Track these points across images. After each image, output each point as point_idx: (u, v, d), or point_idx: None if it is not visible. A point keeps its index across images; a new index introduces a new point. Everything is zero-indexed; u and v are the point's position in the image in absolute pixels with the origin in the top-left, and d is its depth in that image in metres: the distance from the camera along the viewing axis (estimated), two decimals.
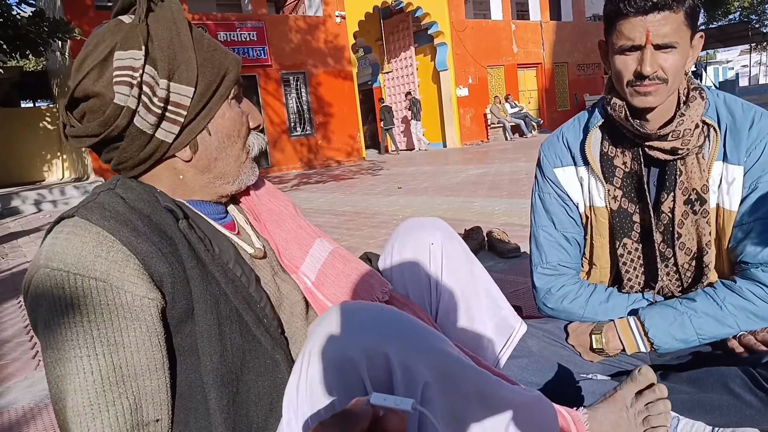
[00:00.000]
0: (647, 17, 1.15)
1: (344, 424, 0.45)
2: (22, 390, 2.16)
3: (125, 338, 0.72)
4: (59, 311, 0.70)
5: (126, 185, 0.85)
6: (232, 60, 0.88)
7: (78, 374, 0.69)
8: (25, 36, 9.46)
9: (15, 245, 6.13)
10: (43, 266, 0.72)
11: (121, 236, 0.75)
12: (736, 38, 23.31)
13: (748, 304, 1.23)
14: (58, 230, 0.76)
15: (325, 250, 1.04)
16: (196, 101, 0.84)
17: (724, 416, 1.23)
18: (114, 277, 0.72)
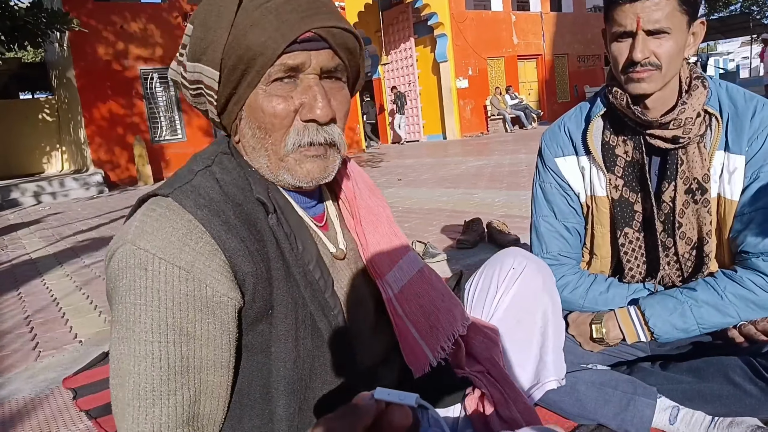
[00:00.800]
0: (637, 3, 1.16)
1: (349, 417, 0.46)
2: (23, 381, 2.16)
3: (197, 330, 0.71)
4: (138, 291, 0.69)
5: (223, 165, 0.82)
6: (271, 40, 0.74)
7: (146, 358, 0.68)
8: (23, 27, 9.41)
9: (14, 237, 6.13)
10: (130, 242, 0.71)
11: (211, 228, 0.73)
12: (737, 30, 23.22)
13: (749, 294, 1.23)
14: (150, 208, 0.75)
15: (415, 266, 0.99)
16: (223, 85, 0.78)
17: (724, 406, 1.23)
18: (198, 269, 0.71)
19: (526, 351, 1.15)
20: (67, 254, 4.76)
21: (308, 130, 0.79)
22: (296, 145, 0.79)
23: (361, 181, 1.00)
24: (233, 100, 0.80)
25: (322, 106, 0.77)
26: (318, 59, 0.77)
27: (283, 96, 0.78)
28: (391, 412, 0.48)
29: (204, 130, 12.71)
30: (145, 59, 11.99)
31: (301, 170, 0.81)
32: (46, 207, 9.13)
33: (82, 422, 1.77)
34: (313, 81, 0.78)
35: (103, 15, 11.44)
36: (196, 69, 0.79)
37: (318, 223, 0.90)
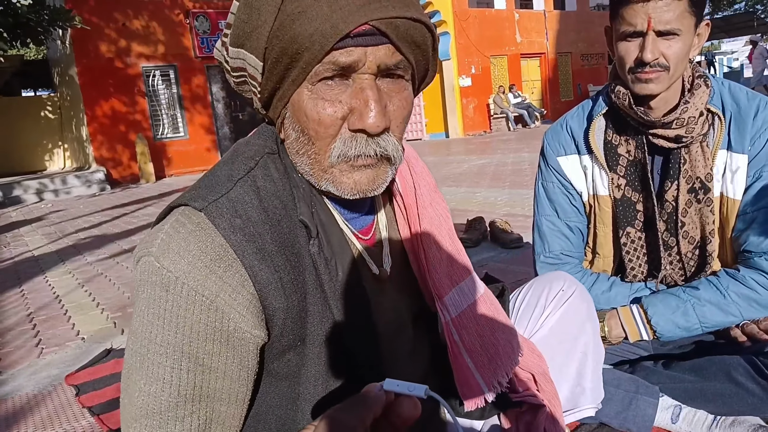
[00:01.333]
0: (649, 3, 1.15)
1: (358, 407, 0.45)
2: (25, 377, 2.17)
3: (214, 362, 0.66)
4: (156, 312, 0.65)
5: (267, 171, 0.73)
6: (318, 32, 0.63)
7: (157, 381, 0.65)
8: (26, 24, 9.43)
9: (17, 234, 6.15)
10: (154, 257, 0.66)
11: (244, 257, 0.67)
12: (741, 29, 23.13)
13: (752, 293, 1.23)
14: (180, 222, 0.67)
15: (476, 291, 0.89)
16: (266, 78, 0.69)
17: (726, 405, 1.23)
18: (223, 300, 0.66)
19: (564, 373, 1.09)
20: (69, 251, 4.77)
21: (356, 141, 0.68)
22: (341, 158, 0.69)
23: (423, 183, 0.88)
24: (277, 96, 0.70)
25: (375, 115, 0.66)
26: (375, 56, 0.65)
27: (331, 100, 0.67)
28: (399, 404, 0.47)
29: (206, 127, 12.72)
30: (147, 56, 11.99)
31: (348, 181, 0.71)
32: (48, 204, 9.14)
33: (85, 419, 1.77)
34: (367, 82, 0.67)
35: (105, 12, 11.44)
36: (239, 55, 0.70)
37: (363, 236, 0.82)
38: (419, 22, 0.67)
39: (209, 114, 12.75)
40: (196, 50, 12.30)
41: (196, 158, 12.54)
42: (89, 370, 2.15)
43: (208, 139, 12.76)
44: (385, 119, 0.67)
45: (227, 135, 13.11)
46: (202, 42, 12.29)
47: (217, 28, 12.41)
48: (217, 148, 12.88)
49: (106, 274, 3.78)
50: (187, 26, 12.27)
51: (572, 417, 1.12)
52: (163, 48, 12.14)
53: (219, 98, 12.93)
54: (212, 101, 12.79)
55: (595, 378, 1.13)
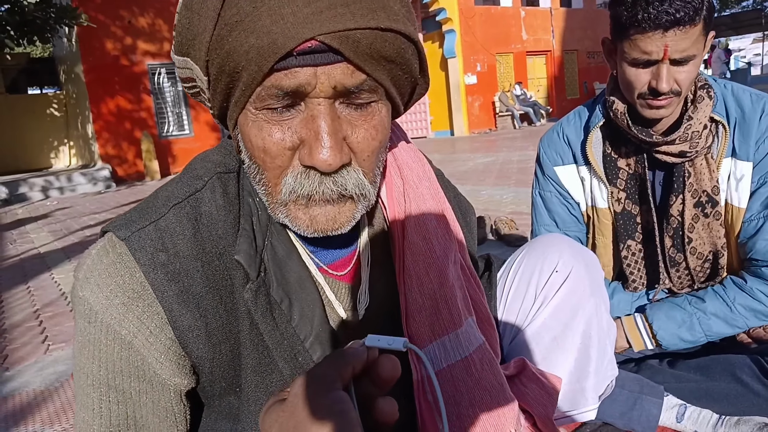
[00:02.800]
0: (667, 33, 1.07)
1: (336, 361, 0.44)
2: (33, 373, 2.18)
3: (142, 398, 0.64)
4: (83, 343, 0.63)
5: (215, 194, 0.65)
6: (254, 49, 0.51)
7: (87, 409, 0.63)
8: (32, 22, 9.46)
9: (23, 231, 6.18)
10: (79, 285, 0.62)
11: (164, 298, 0.60)
12: (749, 26, 22.97)
13: (758, 305, 1.21)
14: (105, 250, 0.62)
15: (462, 350, 0.74)
16: (212, 95, 0.59)
17: (731, 404, 1.22)
18: (140, 342, 0.61)
19: (560, 373, 0.96)
20: (75, 249, 4.78)
21: (308, 177, 0.58)
22: (293, 195, 0.59)
23: (420, 204, 0.74)
24: (227, 115, 0.61)
25: (327, 150, 0.54)
26: (329, 77, 0.53)
27: (279, 125, 0.56)
28: (380, 364, 0.45)
29: (211, 125, 12.74)
30: (153, 54, 12.02)
31: (304, 217, 0.60)
32: (53, 202, 9.18)
33: None
34: (319, 109, 0.55)
35: (111, 10, 11.46)
36: (186, 64, 0.60)
37: (336, 271, 0.70)
38: (391, 32, 0.54)
39: None
40: None
41: None
42: None
43: (213, 137, 12.78)
44: (341, 155, 0.56)
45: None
46: None
47: None
48: None
49: None
50: None
51: (568, 421, 1.02)
52: (168, 46, 12.16)
53: None
54: None
55: (600, 366, 0.99)
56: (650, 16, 1.07)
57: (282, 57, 0.52)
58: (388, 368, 0.44)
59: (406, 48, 0.57)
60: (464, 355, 0.74)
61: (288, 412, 0.43)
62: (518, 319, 1.00)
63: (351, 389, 0.44)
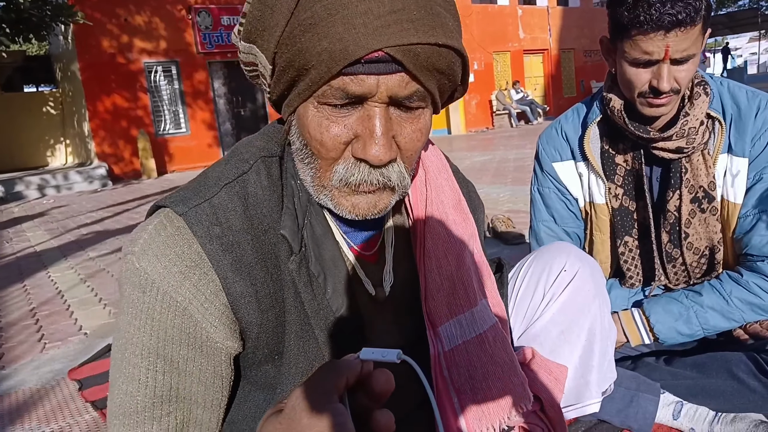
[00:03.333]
0: (668, 34, 1.08)
1: (330, 373, 0.44)
2: (29, 372, 2.18)
3: (189, 367, 0.66)
4: (134, 312, 0.65)
5: (260, 176, 0.70)
6: (327, 53, 0.56)
7: (133, 381, 0.64)
8: (28, 20, 9.43)
9: (19, 230, 6.16)
10: (135, 258, 0.65)
11: (219, 267, 0.65)
12: (745, 25, 23.05)
13: (755, 298, 1.22)
14: (162, 224, 0.66)
15: (478, 327, 0.81)
16: (275, 82, 0.65)
17: (727, 401, 1.23)
18: (195, 308, 0.65)
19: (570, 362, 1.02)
20: (71, 247, 4.77)
21: (359, 168, 0.64)
22: (342, 182, 0.65)
23: (440, 194, 0.81)
24: (286, 101, 0.66)
25: (379, 147, 0.61)
26: (387, 86, 0.59)
27: (336, 122, 0.62)
28: (373, 378, 0.45)
29: (208, 123, 12.71)
30: (149, 52, 11.98)
31: (346, 203, 0.67)
32: (50, 200, 9.15)
33: (88, 413, 1.78)
34: (375, 111, 0.61)
35: (107, 8, 11.42)
36: (251, 51, 0.65)
37: (365, 252, 0.76)
38: (446, 47, 0.60)
39: (211, 110, 12.74)
40: (198, 46, 12.28)
41: (198, 154, 12.53)
42: (92, 365, 2.15)
43: (209, 135, 12.76)
44: (390, 152, 0.62)
45: (229, 131, 13.11)
46: (204, 38, 12.28)
47: (220, 23, 12.39)
48: (218, 144, 12.88)
49: (108, 270, 3.78)
50: (189, 22, 12.25)
51: (573, 413, 1.07)
52: (165, 44, 12.13)
53: (221, 94, 12.92)
54: (214, 97, 12.77)
55: (603, 365, 1.04)
56: (652, 18, 1.07)
57: (350, 63, 0.57)
58: (381, 382, 0.45)
59: (455, 62, 0.63)
60: (479, 332, 0.81)
61: (286, 422, 0.43)
62: (527, 314, 1.04)
63: (345, 401, 0.44)
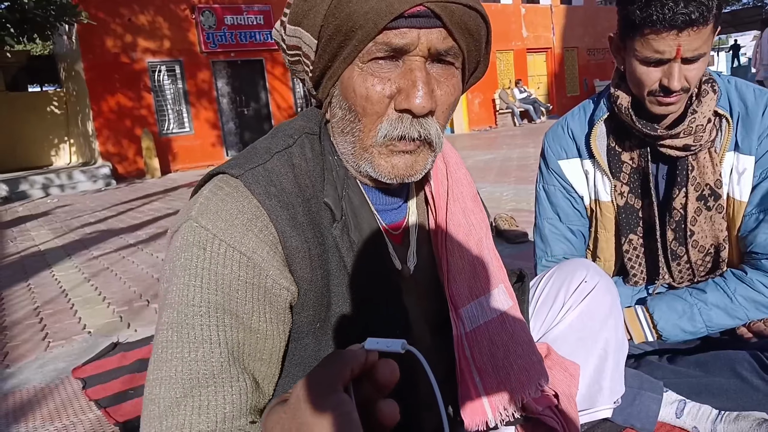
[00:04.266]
0: (681, 34, 1.07)
1: (334, 364, 0.44)
2: (33, 370, 2.19)
3: (254, 323, 0.66)
4: (194, 272, 0.64)
5: (303, 150, 0.74)
6: (373, 11, 0.63)
7: (204, 343, 0.62)
8: (32, 20, 9.46)
9: (23, 229, 6.18)
10: (193, 219, 0.66)
11: (277, 221, 0.68)
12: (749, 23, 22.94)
13: (759, 296, 1.22)
14: (218, 185, 0.69)
15: (498, 307, 0.86)
16: (319, 56, 0.69)
17: (730, 400, 1.23)
18: (260, 256, 0.66)
19: (582, 371, 1.05)
20: (75, 246, 4.79)
21: (402, 121, 0.68)
22: (386, 137, 0.69)
23: (459, 186, 0.87)
24: (328, 74, 0.71)
25: (422, 96, 0.66)
26: (428, 39, 0.66)
27: (380, 77, 0.67)
28: (378, 368, 0.45)
29: (211, 122, 12.73)
30: (153, 52, 12.01)
31: (385, 164, 0.71)
32: (54, 199, 9.18)
33: (92, 411, 1.79)
34: (416, 64, 0.67)
35: (111, 7, 11.45)
36: (296, 33, 0.71)
37: (393, 231, 0.81)
38: (475, 11, 0.67)
39: (214, 109, 12.76)
40: (201, 45, 12.30)
41: (202, 153, 12.56)
42: (96, 364, 2.16)
43: (213, 135, 12.78)
44: (431, 101, 0.67)
45: (232, 130, 13.12)
46: (207, 37, 12.29)
47: (223, 23, 12.40)
48: (222, 143, 12.90)
49: (112, 269, 3.79)
50: (193, 21, 12.26)
51: (588, 417, 1.07)
52: (168, 43, 12.15)
53: (224, 93, 12.94)
54: (217, 96, 12.80)
55: (615, 375, 1.08)
56: (665, 17, 1.06)
57: (395, 18, 0.63)
58: (385, 373, 0.45)
59: (481, 26, 0.70)
60: (500, 312, 0.85)
61: (290, 413, 0.43)
62: (547, 320, 1.07)
63: (350, 391, 0.44)
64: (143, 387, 0.65)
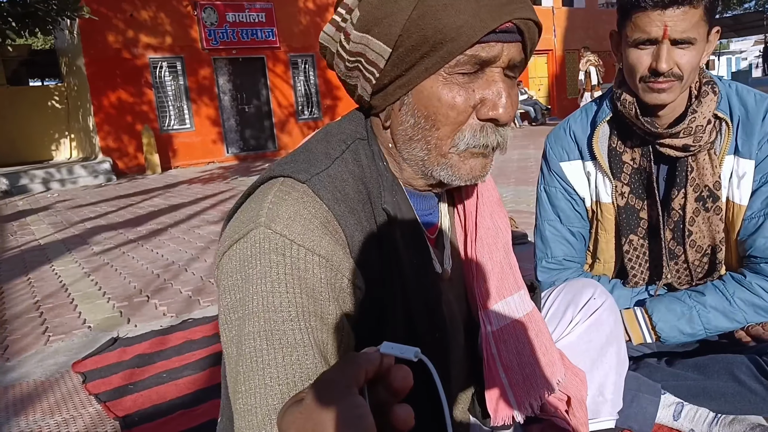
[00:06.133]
0: (666, 11, 1.11)
1: (348, 366, 0.44)
2: (33, 364, 2.19)
3: (337, 321, 0.67)
4: (276, 278, 0.64)
5: (357, 155, 0.75)
6: (468, 25, 0.65)
7: (297, 347, 0.62)
8: (34, 14, 9.44)
9: (23, 223, 6.18)
10: (265, 226, 0.65)
11: (346, 226, 0.69)
12: (751, 28, 22.95)
13: (757, 299, 1.23)
14: (285, 191, 0.68)
15: (524, 308, 0.89)
16: (391, 65, 0.69)
17: (728, 403, 1.24)
18: (337, 258, 0.67)
19: (588, 381, 1.08)
20: (75, 241, 4.79)
21: (486, 131, 0.72)
22: (468, 146, 0.71)
23: (487, 194, 0.89)
24: (399, 82, 0.71)
25: (508, 106, 0.70)
26: (509, 52, 0.69)
27: (465, 87, 0.69)
28: (392, 373, 0.45)
29: (212, 119, 12.73)
30: (154, 48, 12.00)
31: (465, 167, 0.73)
32: (54, 194, 9.18)
33: (91, 405, 1.80)
34: (498, 75, 0.70)
35: (113, 2, 11.44)
36: (362, 41, 0.70)
37: (430, 235, 0.83)
38: (538, 27, 0.72)
39: (215, 106, 12.75)
40: (203, 42, 12.29)
41: (202, 150, 12.56)
42: (96, 358, 2.17)
43: (214, 131, 12.77)
44: (514, 110, 0.72)
45: (233, 127, 13.12)
46: (209, 34, 12.29)
47: (225, 20, 12.39)
48: (222, 140, 12.90)
49: (112, 264, 3.80)
50: (194, 18, 12.25)
51: (591, 426, 1.10)
52: (170, 39, 12.14)
53: (226, 90, 12.93)
54: (219, 93, 12.79)
55: (616, 390, 1.12)
56: None
57: (487, 33, 0.66)
58: (399, 378, 0.45)
59: (537, 42, 0.74)
60: (526, 312, 0.88)
61: (305, 414, 0.43)
62: (556, 331, 1.10)
63: (365, 393, 0.44)
64: (143, 382, 0.64)
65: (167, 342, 2.28)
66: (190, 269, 3.48)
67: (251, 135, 13.38)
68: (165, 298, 2.92)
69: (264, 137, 13.55)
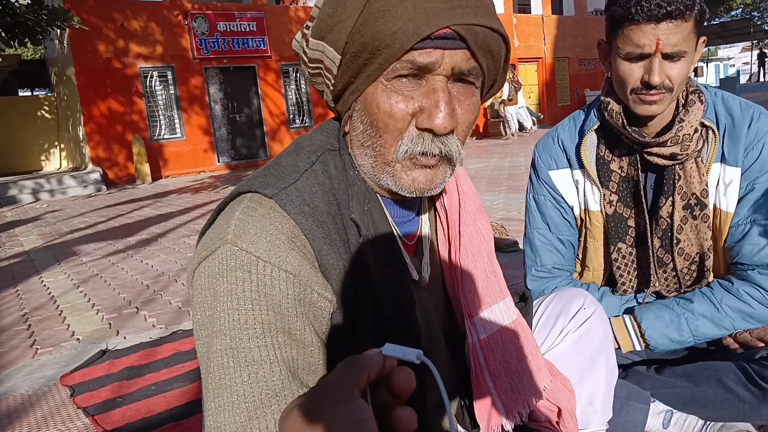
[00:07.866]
0: (659, 25, 1.11)
1: (350, 369, 0.44)
2: (20, 378, 2.17)
3: (305, 337, 0.66)
4: (242, 295, 0.64)
5: (326, 167, 0.75)
6: (401, 32, 0.65)
7: (263, 364, 0.62)
8: (24, 24, 9.41)
9: (12, 234, 6.13)
10: (231, 243, 0.65)
11: (314, 240, 0.69)
12: (738, 35, 23.26)
13: (745, 306, 1.23)
14: (251, 207, 0.68)
15: (509, 316, 0.89)
16: (341, 72, 0.70)
17: (717, 410, 1.24)
18: (304, 273, 0.67)
19: (577, 392, 1.08)
20: (64, 252, 4.76)
21: (423, 139, 0.70)
22: (407, 154, 0.71)
23: (469, 201, 0.89)
24: (350, 89, 0.72)
25: (443, 116, 0.68)
26: (452, 59, 0.67)
27: (404, 95, 0.69)
28: (394, 375, 0.45)
29: (203, 128, 12.70)
30: (145, 57, 11.98)
31: (407, 178, 0.72)
32: (44, 204, 9.11)
33: (80, 419, 1.78)
34: (439, 84, 0.68)
35: (103, 12, 11.42)
36: (318, 47, 0.72)
37: (408, 242, 0.83)
38: (497, 33, 0.69)
39: (206, 115, 12.73)
40: (194, 51, 12.29)
41: (193, 159, 12.52)
42: (84, 371, 2.15)
43: (205, 141, 12.74)
44: (452, 121, 0.69)
45: (224, 136, 13.10)
46: (200, 43, 12.29)
47: (216, 29, 12.40)
48: (213, 149, 12.87)
49: (101, 275, 3.77)
50: (185, 27, 12.25)
51: None
52: (161, 49, 12.13)
53: (216, 100, 12.92)
54: (210, 103, 12.77)
55: (606, 400, 1.12)
56: (643, 9, 1.11)
57: (422, 39, 0.65)
58: (401, 380, 0.45)
59: (502, 48, 0.72)
60: (512, 320, 0.89)
61: (307, 417, 0.43)
62: (547, 340, 1.11)
63: (367, 396, 0.44)
64: (132, 395, 0.64)
65: (156, 354, 2.26)
66: (179, 280, 3.46)
67: (242, 144, 13.36)
68: (154, 310, 2.89)
69: (255, 146, 13.53)
